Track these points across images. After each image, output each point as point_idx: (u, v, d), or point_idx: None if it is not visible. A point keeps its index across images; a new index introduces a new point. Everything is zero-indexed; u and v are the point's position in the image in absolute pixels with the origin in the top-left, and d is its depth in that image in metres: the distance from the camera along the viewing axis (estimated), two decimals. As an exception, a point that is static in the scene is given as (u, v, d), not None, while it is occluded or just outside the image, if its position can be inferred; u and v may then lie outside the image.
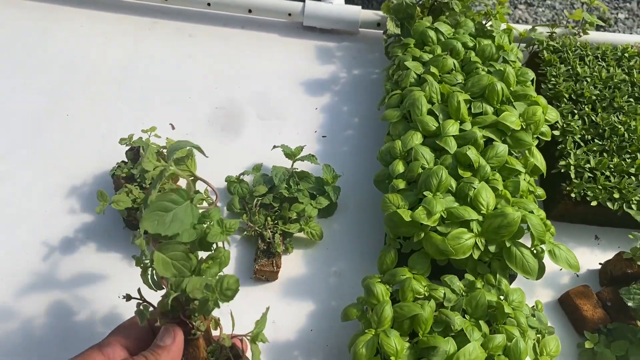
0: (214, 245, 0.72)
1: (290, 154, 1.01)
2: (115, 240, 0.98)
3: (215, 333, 0.74)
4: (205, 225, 0.71)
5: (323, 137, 1.15)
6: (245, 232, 0.97)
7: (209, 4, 1.28)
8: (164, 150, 0.98)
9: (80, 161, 1.07)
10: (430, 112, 0.98)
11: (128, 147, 1.00)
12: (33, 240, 0.97)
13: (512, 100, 1.00)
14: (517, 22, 2.94)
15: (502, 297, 0.82)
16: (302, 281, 0.96)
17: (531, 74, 1.05)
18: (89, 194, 1.02)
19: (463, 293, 0.82)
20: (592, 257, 1.03)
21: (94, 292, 0.92)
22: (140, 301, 0.71)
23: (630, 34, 3.02)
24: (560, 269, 1.01)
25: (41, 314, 0.89)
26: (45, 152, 1.09)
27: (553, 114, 1.02)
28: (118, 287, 0.93)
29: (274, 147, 1.03)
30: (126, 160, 0.99)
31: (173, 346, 0.66)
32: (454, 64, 1.05)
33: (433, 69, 1.03)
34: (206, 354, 0.71)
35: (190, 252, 0.66)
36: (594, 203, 0.98)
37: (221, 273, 0.69)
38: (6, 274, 0.93)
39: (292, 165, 1.03)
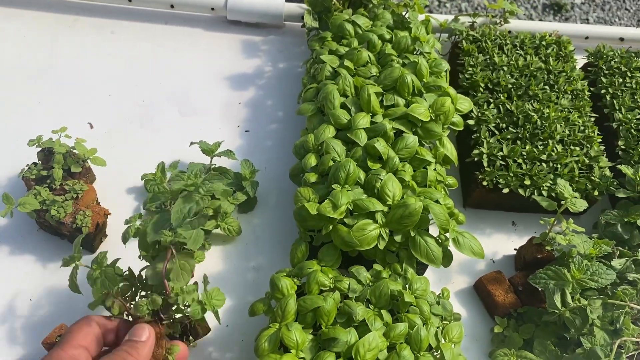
0: None
1: (208, 150, 1.01)
2: (29, 243, 0.96)
3: None
4: None
5: (246, 131, 1.15)
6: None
7: (129, 0, 1.26)
8: (75, 151, 0.97)
9: (-6, 163, 1.05)
10: (343, 106, 0.98)
11: (39, 149, 0.98)
12: (-58, 245, 0.95)
13: (424, 91, 1.01)
14: (477, 9, 2.97)
15: (407, 286, 0.83)
16: (220, 277, 0.96)
17: (445, 65, 1.06)
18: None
19: (369, 283, 0.83)
20: (508, 242, 1.06)
21: (5, 295, 0.91)
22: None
23: (587, 19, 3.08)
24: (477, 256, 1.03)
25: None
26: (-42, 155, 1.06)
27: (465, 104, 1.03)
28: (31, 289, 0.92)
29: (192, 143, 1.02)
30: (37, 161, 0.97)
31: (149, 341, 0.72)
32: (369, 56, 1.05)
33: (347, 63, 1.04)
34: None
35: None
36: (505, 190, 1.00)
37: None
38: None
39: (211, 161, 1.02)
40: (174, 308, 0.76)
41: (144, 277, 0.78)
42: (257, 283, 0.96)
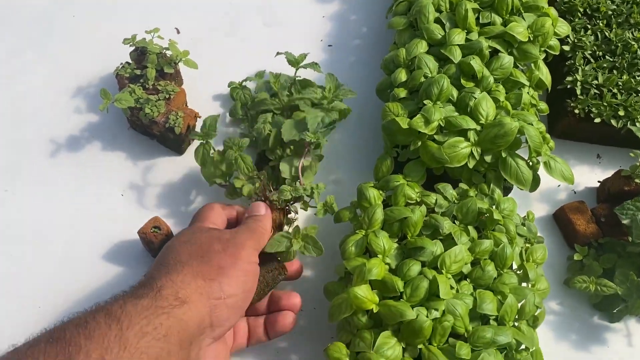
0: None
1: (294, 62, 1.00)
2: (120, 140, 1.00)
3: None
4: None
5: (329, 46, 1.14)
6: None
7: None
8: (167, 52, 0.98)
9: (86, 62, 1.07)
10: (437, 21, 0.95)
11: (132, 48, 1.00)
12: (39, 138, 0.99)
13: (522, 11, 0.97)
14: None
15: (493, 206, 0.83)
16: (301, 187, 0.98)
17: (545, -15, 1.01)
18: (94, 94, 1.03)
19: (455, 200, 0.83)
20: (591, 175, 1.03)
21: (97, 189, 0.95)
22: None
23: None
24: (559, 185, 1.01)
25: (45, 208, 0.93)
26: (51, 52, 1.09)
27: (564, 28, 0.99)
28: (123, 184, 0.96)
29: (278, 53, 1.02)
30: (130, 61, 0.99)
31: (267, 215, 0.79)
32: (465, -29, 1.01)
33: (443, -24, 1.00)
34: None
35: None
36: (597, 120, 0.97)
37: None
38: (11, 169, 0.97)
39: (295, 73, 1.02)
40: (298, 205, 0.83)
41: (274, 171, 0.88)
42: (336, 195, 0.96)
